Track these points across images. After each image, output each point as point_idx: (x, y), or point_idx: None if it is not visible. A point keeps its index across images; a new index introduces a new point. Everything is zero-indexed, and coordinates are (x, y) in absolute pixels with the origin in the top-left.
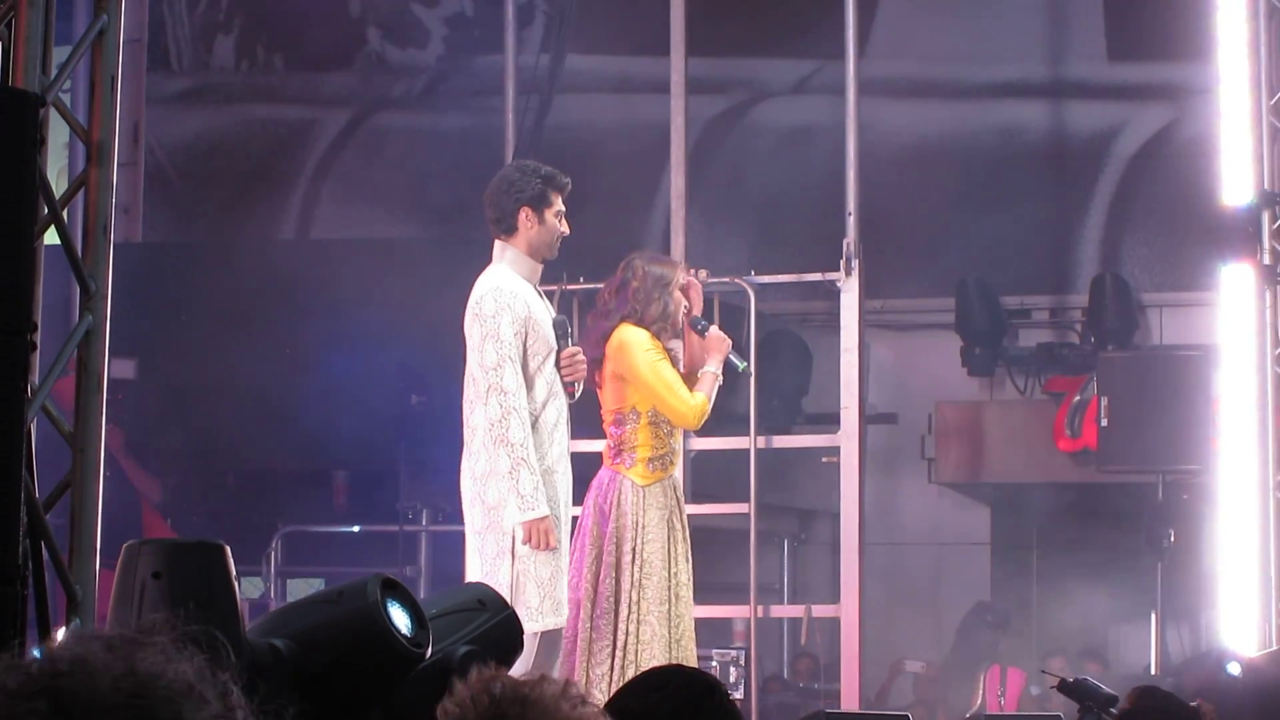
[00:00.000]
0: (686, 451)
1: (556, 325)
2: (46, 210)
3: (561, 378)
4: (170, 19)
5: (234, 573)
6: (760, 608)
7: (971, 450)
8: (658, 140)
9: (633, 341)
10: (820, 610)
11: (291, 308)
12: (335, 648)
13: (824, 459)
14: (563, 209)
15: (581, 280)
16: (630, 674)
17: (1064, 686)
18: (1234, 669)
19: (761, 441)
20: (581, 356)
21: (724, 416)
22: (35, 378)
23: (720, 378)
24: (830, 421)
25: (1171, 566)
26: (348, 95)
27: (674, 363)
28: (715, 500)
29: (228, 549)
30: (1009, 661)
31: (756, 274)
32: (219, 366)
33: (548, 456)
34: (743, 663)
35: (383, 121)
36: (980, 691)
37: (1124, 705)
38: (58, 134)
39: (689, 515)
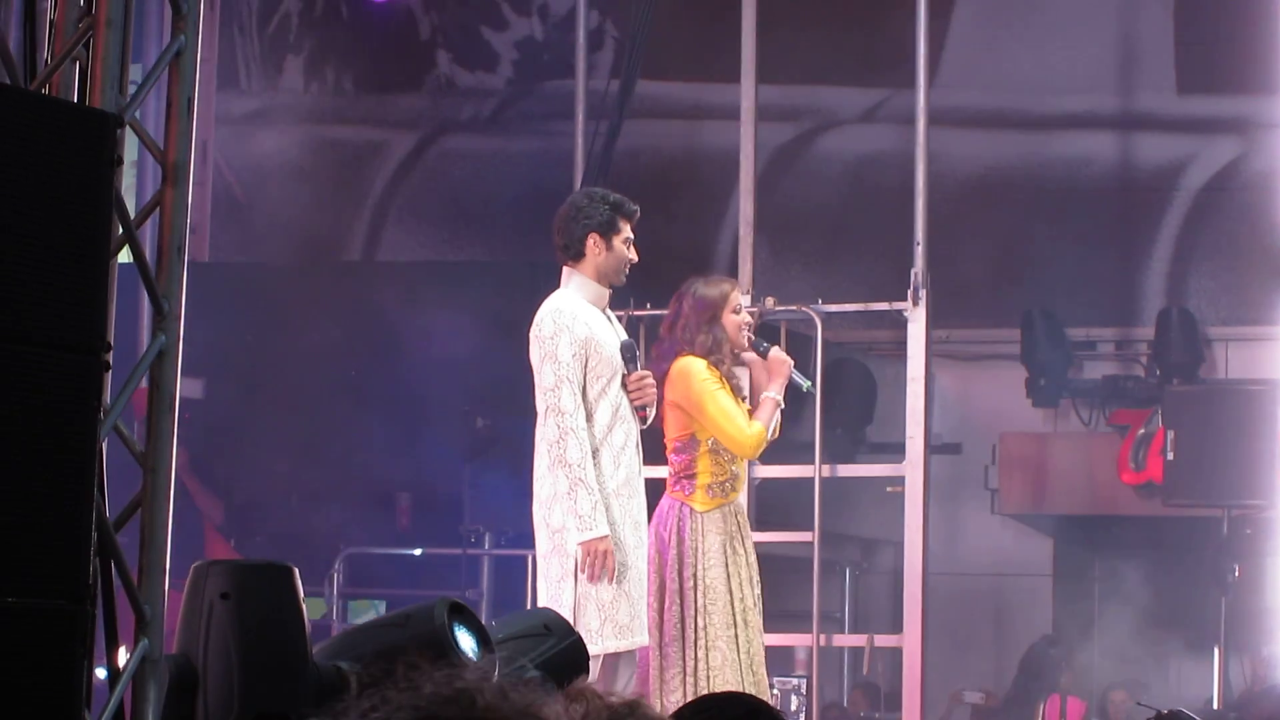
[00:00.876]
0: (751, 479)
1: (624, 348)
2: (121, 230)
3: (630, 402)
4: (240, 39)
5: (301, 594)
6: (822, 636)
7: (1035, 482)
8: (726, 167)
9: (689, 371)
10: (882, 640)
11: (358, 329)
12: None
13: (888, 488)
14: (631, 236)
15: (649, 306)
16: None
17: (1157, 719)
18: None
19: (826, 470)
20: (651, 380)
21: (789, 445)
22: (107, 397)
23: (782, 402)
24: (895, 451)
25: (1235, 601)
26: (416, 118)
27: (737, 390)
28: (779, 528)
29: (296, 571)
30: (1070, 692)
31: (824, 302)
32: (284, 387)
33: (613, 479)
34: (804, 691)
35: (451, 144)
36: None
37: None
38: (127, 153)
39: (755, 541)
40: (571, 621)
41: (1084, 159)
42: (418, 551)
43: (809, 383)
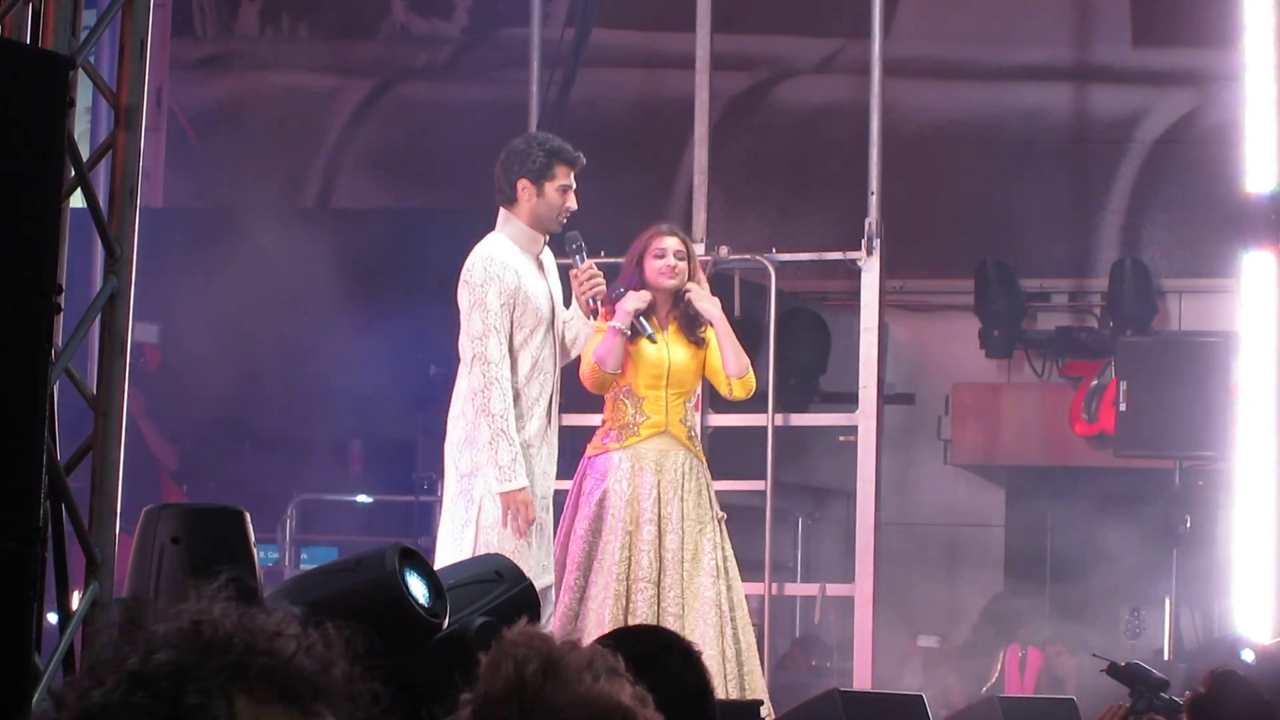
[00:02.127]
0: (704, 428)
1: (570, 240)
2: (73, 173)
3: (582, 296)
4: None
5: (253, 539)
6: (774, 585)
7: (988, 432)
8: (681, 116)
9: None
10: (834, 589)
11: (311, 277)
12: (352, 616)
13: (841, 438)
14: (569, 183)
15: (602, 254)
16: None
17: (1114, 670)
18: (1247, 656)
19: (779, 419)
20: (597, 272)
21: None
22: (59, 340)
23: (624, 330)
24: (848, 400)
25: (1186, 553)
26: (371, 65)
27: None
28: (731, 477)
29: (247, 515)
30: (1029, 643)
31: (777, 252)
32: (237, 334)
33: (526, 430)
34: (756, 639)
35: (406, 92)
36: (999, 670)
37: (1200, 689)
38: (81, 98)
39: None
40: None
41: (1039, 110)
42: (370, 499)
43: (650, 332)
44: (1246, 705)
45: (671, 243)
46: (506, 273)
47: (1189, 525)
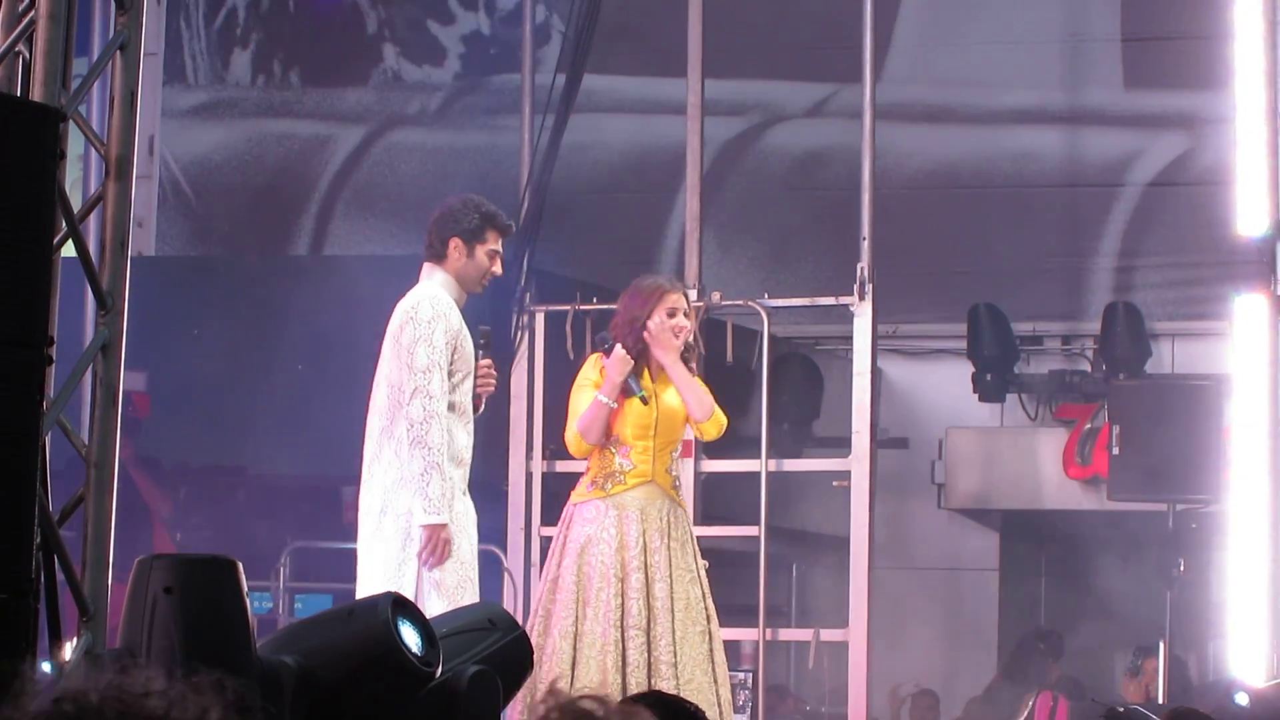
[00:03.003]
0: (697, 473)
1: (480, 334)
2: (64, 224)
3: (475, 388)
4: (187, 33)
5: (245, 588)
6: (768, 630)
7: (981, 476)
8: (673, 162)
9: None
10: (828, 634)
11: (304, 323)
12: (346, 665)
13: (834, 483)
14: (498, 249)
15: (595, 301)
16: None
17: (1112, 716)
18: (1242, 699)
19: (772, 464)
20: (492, 372)
21: (735, 439)
22: (51, 391)
23: (612, 403)
24: (841, 445)
25: (1180, 596)
26: (363, 112)
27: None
28: (725, 522)
29: (239, 565)
30: (1060, 690)
31: (770, 297)
32: (230, 382)
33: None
34: (750, 685)
35: (398, 139)
36: (1026, 715)
37: None
38: (72, 147)
39: (700, 537)
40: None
41: (1031, 154)
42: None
43: (642, 393)
44: None
45: (681, 301)
46: (452, 314)
47: (1182, 568)
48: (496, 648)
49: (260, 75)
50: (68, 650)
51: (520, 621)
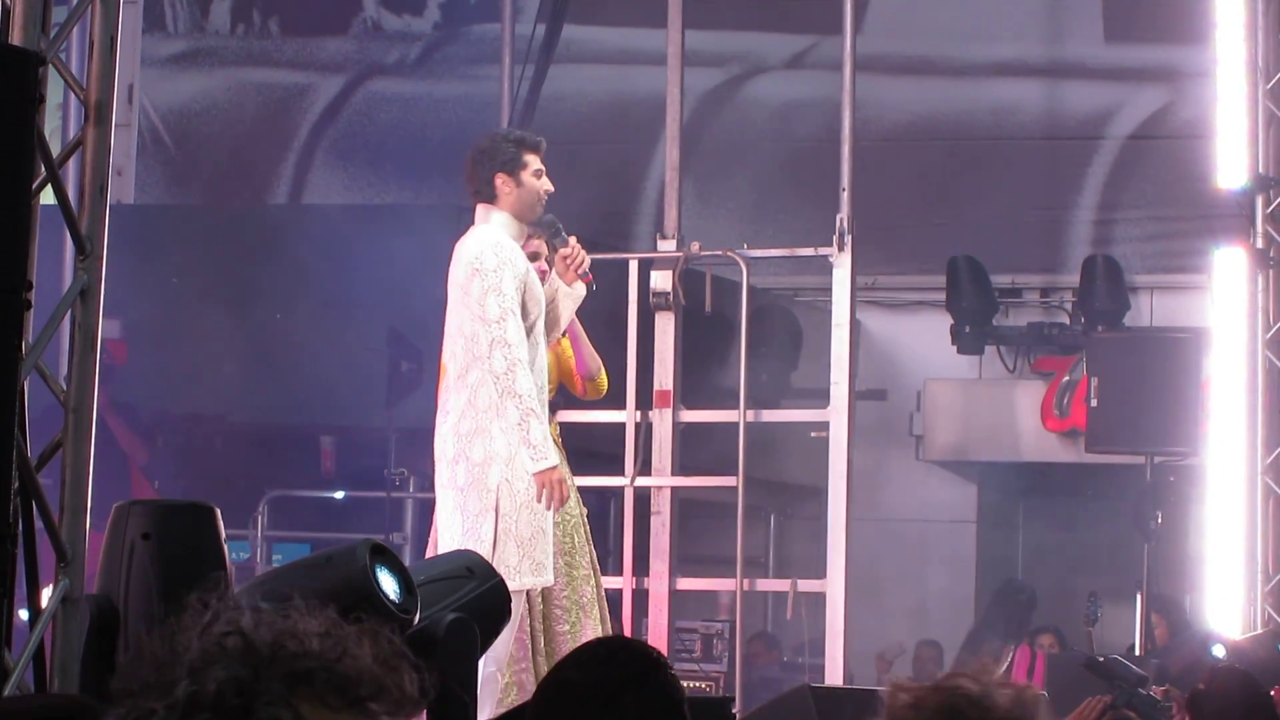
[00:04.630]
0: (675, 423)
1: (547, 225)
2: (44, 170)
3: (575, 272)
4: None
5: (224, 535)
6: (746, 581)
7: (960, 428)
8: (652, 112)
9: None
10: (806, 585)
11: (282, 272)
12: None
13: (813, 434)
14: (540, 167)
15: None
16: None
17: (1092, 665)
18: (1219, 651)
19: (751, 415)
20: (579, 249)
21: (714, 389)
22: (29, 336)
23: None
24: (819, 397)
25: (1157, 548)
26: (343, 61)
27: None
28: (703, 473)
29: (218, 511)
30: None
31: (749, 248)
32: (209, 330)
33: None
34: (727, 635)
35: (377, 88)
36: (1005, 668)
37: (1200, 686)
38: (51, 95)
39: (678, 488)
40: (490, 555)
41: (1011, 107)
42: (341, 494)
43: None
44: (1246, 699)
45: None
46: (517, 258)
47: (1160, 521)
48: (474, 595)
49: (240, 24)
50: (45, 595)
51: None
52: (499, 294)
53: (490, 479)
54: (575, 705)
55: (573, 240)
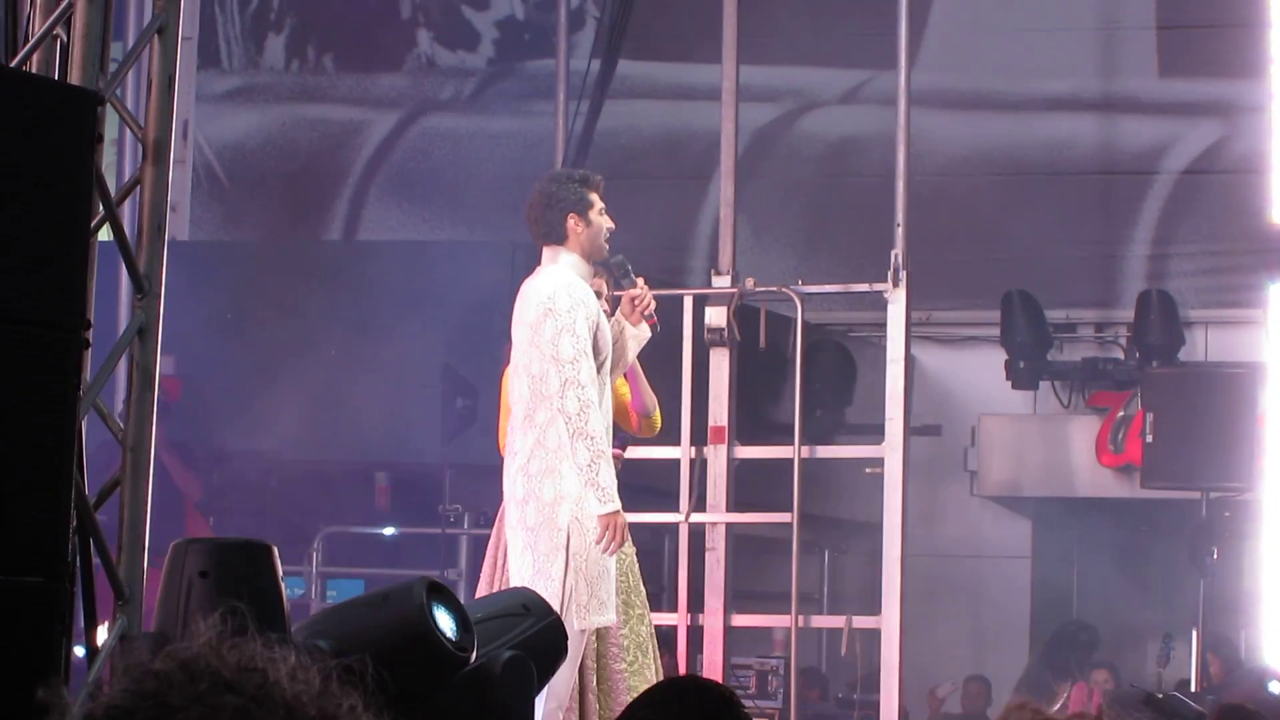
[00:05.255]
0: (730, 460)
1: (616, 265)
2: (101, 208)
3: (641, 314)
4: (221, 17)
5: (280, 573)
6: (800, 617)
7: (1014, 463)
8: (707, 148)
9: None
10: (861, 621)
11: (337, 309)
12: (380, 650)
13: (867, 470)
14: (603, 205)
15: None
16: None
17: (1151, 701)
18: (1275, 687)
19: (805, 451)
20: (645, 290)
21: (768, 426)
22: (87, 375)
23: None
24: (874, 432)
25: (1213, 584)
26: (397, 97)
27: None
28: (758, 509)
29: (275, 549)
30: (1097, 683)
31: (804, 283)
32: (263, 366)
33: None
34: (782, 672)
35: (431, 124)
36: (1061, 705)
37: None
38: (106, 131)
39: (732, 524)
40: (561, 594)
41: (1066, 141)
42: (395, 531)
43: None
44: None
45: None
46: (589, 298)
47: (1215, 556)
48: (531, 633)
49: (294, 60)
50: (102, 634)
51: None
52: (573, 335)
53: (560, 518)
54: None
55: (640, 281)
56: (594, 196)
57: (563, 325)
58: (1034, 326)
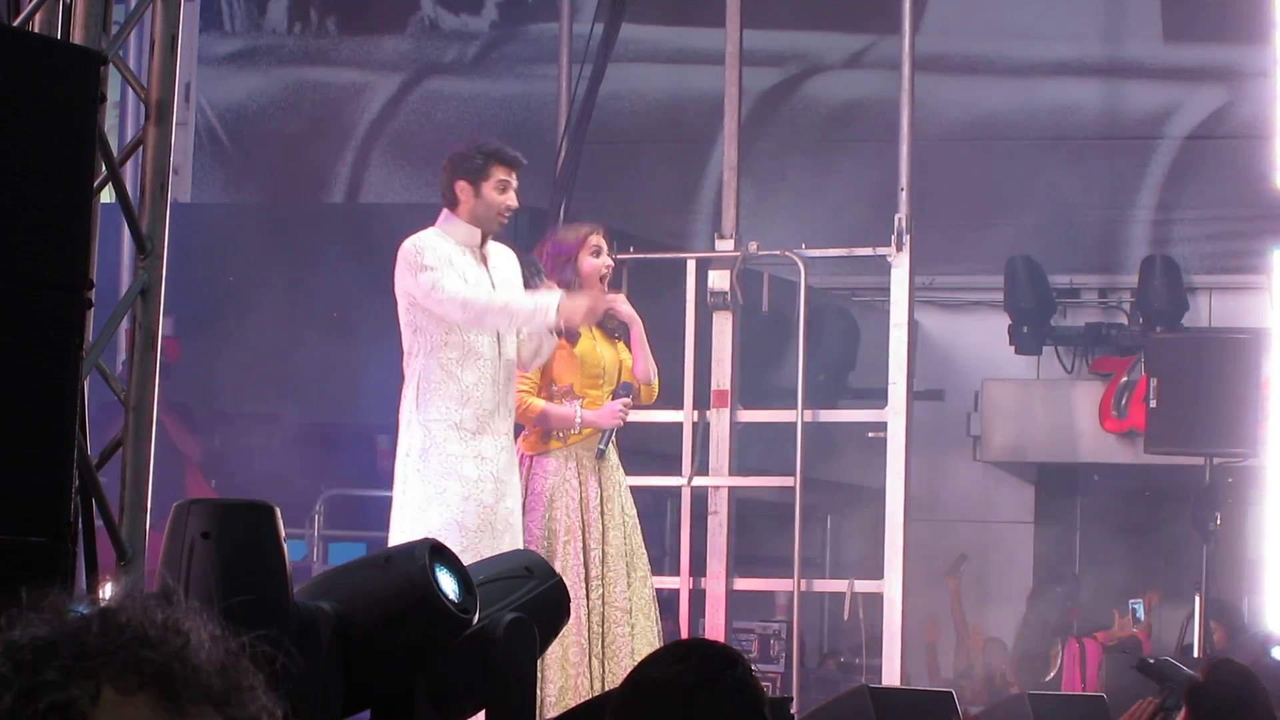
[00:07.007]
0: (733, 424)
1: (529, 264)
2: (104, 169)
3: (587, 320)
4: None
5: (283, 534)
6: (803, 581)
7: (1017, 428)
8: (710, 112)
9: None
10: (864, 585)
11: (339, 271)
12: (383, 611)
13: (870, 434)
14: (506, 179)
15: (631, 250)
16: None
17: (1143, 667)
18: (1278, 653)
19: (808, 415)
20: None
21: (770, 390)
22: (89, 335)
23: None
24: (877, 397)
25: (1216, 550)
26: (400, 60)
27: (609, 331)
28: (761, 473)
29: (277, 510)
30: (1085, 634)
31: (807, 247)
32: (264, 328)
33: (463, 415)
34: (784, 636)
35: (434, 87)
36: (1057, 664)
37: (1198, 678)
38: (108, 92)
39: (735, 488)
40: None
41: (1070, 106)
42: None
43: (604, 447)
44: (1236, 687)
45: (603, 241)
46: (440, 245)
47: (1219, 522)
48: (533, 595)
49: (297, 22)
50: (105, 594)
51: None
52: (420, 268)
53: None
54: (653, 702)
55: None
56: (495, 169)
57: (412, 264)
58: (1037, 291)
